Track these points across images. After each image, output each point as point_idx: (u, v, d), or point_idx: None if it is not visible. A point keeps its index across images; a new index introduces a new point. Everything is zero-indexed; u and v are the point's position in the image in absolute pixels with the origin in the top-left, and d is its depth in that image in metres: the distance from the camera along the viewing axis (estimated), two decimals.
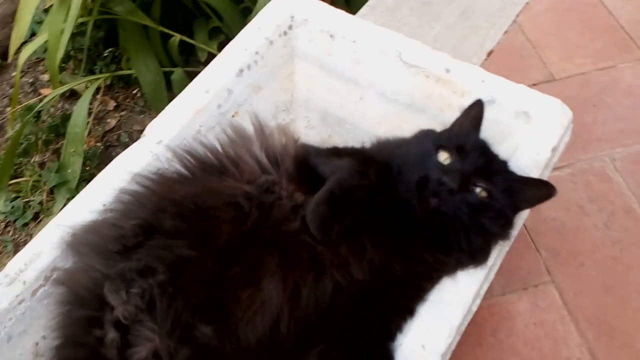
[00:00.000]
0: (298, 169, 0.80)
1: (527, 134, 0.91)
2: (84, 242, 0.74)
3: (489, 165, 0.77)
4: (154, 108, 1.69)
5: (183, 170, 0.82)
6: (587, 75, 1.48)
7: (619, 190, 1.26)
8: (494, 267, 0.80)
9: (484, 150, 0.81)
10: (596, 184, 1.27)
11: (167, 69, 1.70)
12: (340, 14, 1.07)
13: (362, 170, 0.77)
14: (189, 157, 0.83)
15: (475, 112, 0.87)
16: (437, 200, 0.72)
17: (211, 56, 1.81)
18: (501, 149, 0.91)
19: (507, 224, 0.78)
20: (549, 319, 1.08)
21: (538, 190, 0.79)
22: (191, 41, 1.74)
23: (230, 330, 0.68)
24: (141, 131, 0.95)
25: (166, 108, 0.96)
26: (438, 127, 0.90)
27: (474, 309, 0.78)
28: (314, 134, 1.17)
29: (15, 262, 0.80)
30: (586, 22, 1.60)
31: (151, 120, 0.94)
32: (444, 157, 0.76)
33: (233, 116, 1.01)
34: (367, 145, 0.90)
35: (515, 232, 0.81)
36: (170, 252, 0.68)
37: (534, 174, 0.86)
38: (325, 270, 0.71)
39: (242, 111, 1.03)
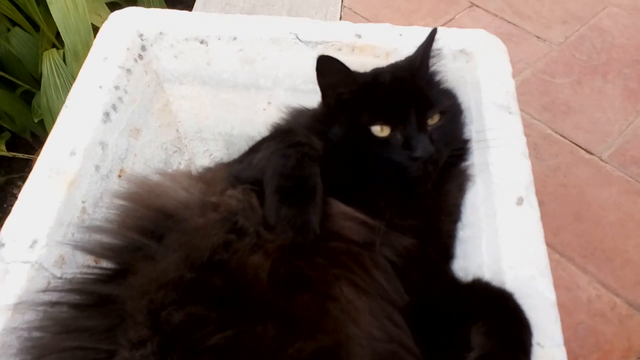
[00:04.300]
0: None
1: (476, 70, 0.79)
2: None
3: (422, 92, 0.68)
4: None
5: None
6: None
7: (526, 122, 1.23)
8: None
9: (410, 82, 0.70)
10: None
11: None
12: (201, 15, 0.84)
13: (293, 144, 0.61)
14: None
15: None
16: (431, 166, 0.64)
17: (3, 159, 1.46)
18: (466, 95, 0.78)
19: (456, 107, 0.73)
20: None
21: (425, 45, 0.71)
22: None
23: None
24: None
25: (20, 196, 0.63)
26: None
27: None
28: None
29: None
30: None
31: None
32: (377, 129, 0.65)
33: (119, 176, 0.72)
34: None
35: None
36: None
37: (512, 105, 0.74)
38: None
39: (127, 168, 0.74)
